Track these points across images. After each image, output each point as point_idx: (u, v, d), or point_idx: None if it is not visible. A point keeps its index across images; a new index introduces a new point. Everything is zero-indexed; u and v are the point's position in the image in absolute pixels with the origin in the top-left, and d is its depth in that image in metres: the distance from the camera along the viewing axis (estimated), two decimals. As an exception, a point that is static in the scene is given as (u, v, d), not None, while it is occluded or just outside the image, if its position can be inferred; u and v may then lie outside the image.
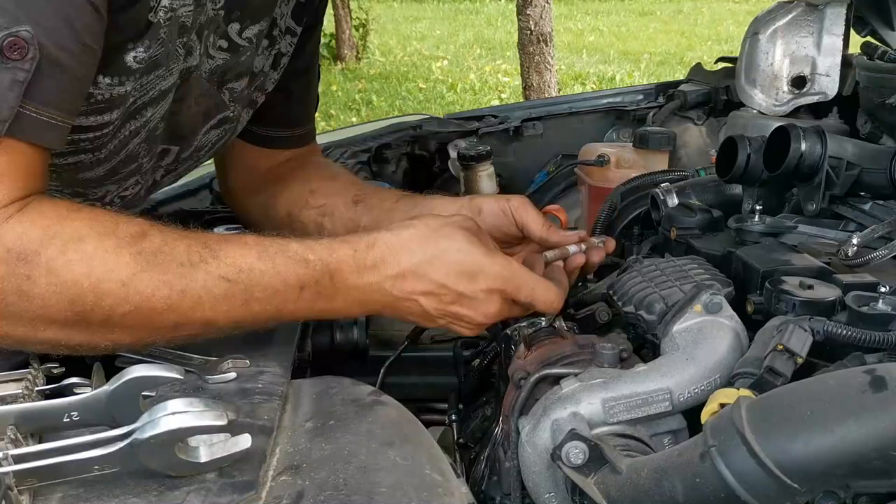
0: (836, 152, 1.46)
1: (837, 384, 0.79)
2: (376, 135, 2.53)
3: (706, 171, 1.97)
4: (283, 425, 0.95)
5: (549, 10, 5.74)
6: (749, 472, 0.76)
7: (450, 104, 7.71)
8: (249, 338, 1.17)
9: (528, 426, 1.10)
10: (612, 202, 1.93)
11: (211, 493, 0.79)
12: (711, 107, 2.48)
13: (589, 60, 9.93)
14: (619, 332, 1.38)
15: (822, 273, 1.25)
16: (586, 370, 1.14)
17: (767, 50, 2.11)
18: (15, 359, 1.10)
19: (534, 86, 5.82)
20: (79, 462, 0.77)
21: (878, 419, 0.73)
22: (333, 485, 0.81)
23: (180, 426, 0.76)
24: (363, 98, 7.87)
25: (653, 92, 2.72)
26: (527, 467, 1.10)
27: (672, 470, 0.85)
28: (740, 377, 1.04)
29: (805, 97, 2.09)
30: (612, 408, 1.07)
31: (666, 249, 1.63)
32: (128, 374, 0.85)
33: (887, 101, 1.65)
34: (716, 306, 1.17)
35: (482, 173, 2.52)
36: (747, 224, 1.48)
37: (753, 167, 1.57)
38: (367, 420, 0.96)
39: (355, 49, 9.66)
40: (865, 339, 1.01)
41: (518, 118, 2.67)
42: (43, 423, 0.86)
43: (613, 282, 1.42)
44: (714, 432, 0.81)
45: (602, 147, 2.40)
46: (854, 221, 1.49)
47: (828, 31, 2.07)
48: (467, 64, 9.69)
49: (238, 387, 1.01)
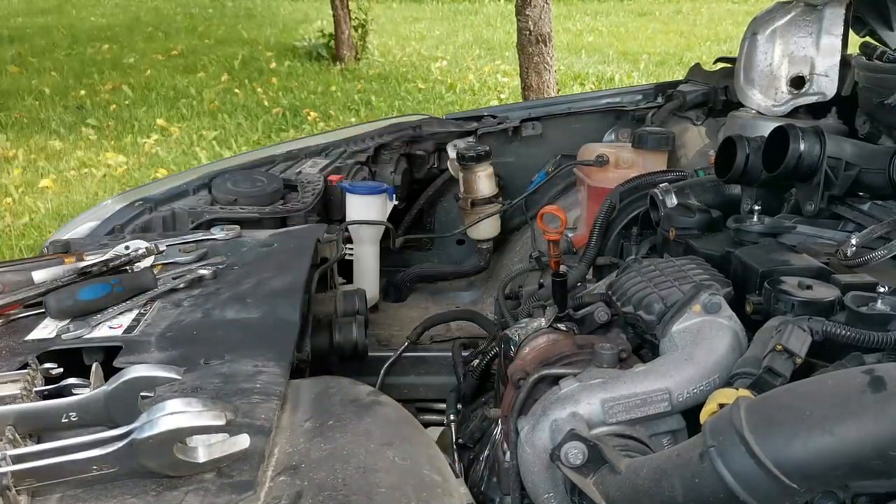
0: (835, 152, 1.46)
1: (836, 384, 0.79)
2: (375, 135, 2.53)
3: (705, 171, 1.97)
4: (282, 425, 0.95)
5: (549, 11, 5.72)
6: (748, 473, 0.76)
7: (449, 104, 7.69)
8: (248, 338, 1.18)
9: (528, 426, 1.10)
10: (611, 202, 1.93)
11: (209, 494, 0.79)
12: (710, 107, 2.48)
13: (588, 61, 9.92)
14: (618, 333, 1.38)
15: (821, 273, 1.25)
16: (585, 370, 1.14)
17: (766, 50, 2.11)
18: (14, 359, 1.10)
19: (533, 86, 5.80)
20: (77, 462, 0.77)
21: (877, 419, 0.73)
22: (332, 485, 0.81)
23: (179, 426, 0.76)
24: (362, 98, 7.85)
25: (652, 92, 2.72)
26: (526, 467, 1.10)
27: (671, 470, 0.85)
28: (739, 377, 1.04)
29: (804, 97, 2.09)
30: (612, 408, 1.07)
31: (665, 250, 1.63)
32: (126, 375, 0.85)
33: (886, 101, 1.65)
34: (715, 306, 1.17)
35: (481, 173, 2.53)
36: (746, 224, 1.48)
37: (752, 167, 1.58)
38: (365, 420, 0.96)
39: (354, 49, 9.63)
40: (864, 339, 1.01)
41: (517, 118, 2.67)
42: (41, 423, 0.86)
43: (612, 282, 1.42)
44: (713, 432, 0.81)
45: (601, 147, 2.40)
46: (853, 222, 1.49)
47: (826, 32, 2.07)
48: (466, 64, 9.67)
49: (237, 387, 1.01)
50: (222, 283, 1.39)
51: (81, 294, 1.26)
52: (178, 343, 1.16)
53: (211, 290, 1.36)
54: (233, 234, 1.68)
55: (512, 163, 2.71)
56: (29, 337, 1.19)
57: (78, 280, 1.33)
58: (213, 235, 1.66)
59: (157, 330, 1.20)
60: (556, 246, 1.55)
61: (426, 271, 2.70)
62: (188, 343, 1.15)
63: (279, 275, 1.43)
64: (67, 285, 1.31)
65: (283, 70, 9.42)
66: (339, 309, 1.62)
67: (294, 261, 1.51)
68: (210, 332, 1.19)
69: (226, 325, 1.22)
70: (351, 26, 9.74)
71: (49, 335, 1.20)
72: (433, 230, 2.79)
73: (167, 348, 1.14)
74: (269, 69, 9.44)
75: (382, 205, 2.26)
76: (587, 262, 1.83)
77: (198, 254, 1.53)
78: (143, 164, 5.78)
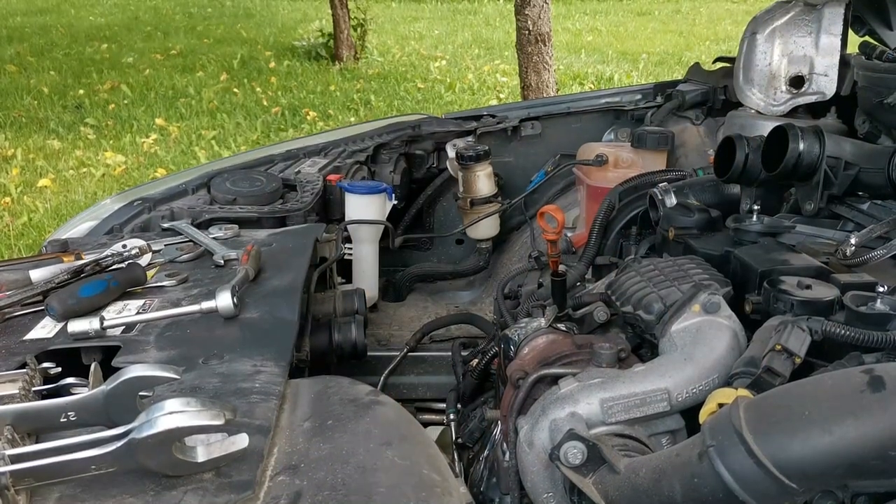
0: (835, 152, 1.46)
1: (836, 384, 0.79)
2: (374, 134, 2.53)
3: (704, 170, 1.98)
4: (281, 425, 0.94)
5: (548, 10, 5.72)
6: (747, 472, 0.76)
7: (448, 104, 7.69)
8: (248, 337, 1.18)
9: (527, 426, 1.10)
10: (610, 202, 1.93)
11: (208, 493, 0.78)
12: (709, 106, 2.48)
13: (587, 60, 9.92)
14: (617, 332, 1.38)
15: (821, 273, 1.25)
16: (584, 370, 1.14)
17: (765, 50, 2.11)
18: (12, 359, 1.10)
19: (532, 85, 5.80)
20: (76, 462, 0.76)
21: (876, 419, 0.73)
22: (332, 485, 0.81)
23: (177, 426, 0.76)
24: (361, 98, 7.85)
25: (651, 92, 2.72)
26: (525, 467, 1.10)
27: (670, 470, 0.85)
28: (738, 377, 1.04)
29: (803, 97, 2.09)
30: (611, 408, 1.07)
31: (664, 249, 1.63)
32: (125, 374, 0.85)
33: (885, 101, 1.65)
34: (714, 306, 1.17)
35: (480, 173, 2.53)
36: (745, 224, 1.48)
37: (751, 167, 1.58)
38: (365, 420, 0.96)
39: (353, 49, 9.63)
40: (864, 338, 1.01)
41: (516, 118, 2.67)
42: (40, 423, 0.86)
43: (612, 282, 1.42)
44: (712, 432, 0.81)
45: (600, 147, 2.40)
46: (852, 221, 1.50)
47: (826, 31, 2.07)
48: (465, 64, 9.68)
49: (235, 386, 1.01)
50: (221, 282, 1.39)
51: (82, 291, 1.26)
52: (177, 343, 1.15)
53: (210, 289, 1.36)
54: (231, 233, 1.68)
55: (511, 162, 2.72)
56: (27, 336, 1.19)
57: (74, 280, 1.33)
58: (213, 234, 1.66)
59: (155, 329, 1.20)
60: (555, 245, 1.55)
61: (425, 271, 2.70)
62: (187, 343, 1.15)
63: (278, 274, 1.43)
64: (66, 285, 1.31)
65: (283, 69, 9.42)
66: (339, 308, 1.62)
67: (293, 260, 1.51)
68: (209, 332, 1.19)
69: (225, 324, 1.22)
70: (350, 26, 9.74)
71: (48, 335, 1.19)
72: (432, 230, 2.79)
73: (166, 348, 1.14)
74: (268, 69, 9.44)
75: (382, 204, 2.26)
76: (586, 262, 1.83)
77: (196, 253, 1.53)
78: (142, 164, 5.78)
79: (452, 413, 1.78)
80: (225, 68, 9.34)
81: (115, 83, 8.38)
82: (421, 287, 2.70)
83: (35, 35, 11.56)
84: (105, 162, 5.78)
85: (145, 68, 9.24)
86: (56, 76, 8.81)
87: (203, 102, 7.66)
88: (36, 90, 8.00)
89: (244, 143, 6.29)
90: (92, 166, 5.68)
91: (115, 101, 7.69)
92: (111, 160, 5.81)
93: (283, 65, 9.67)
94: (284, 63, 9.75)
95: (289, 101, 7.82)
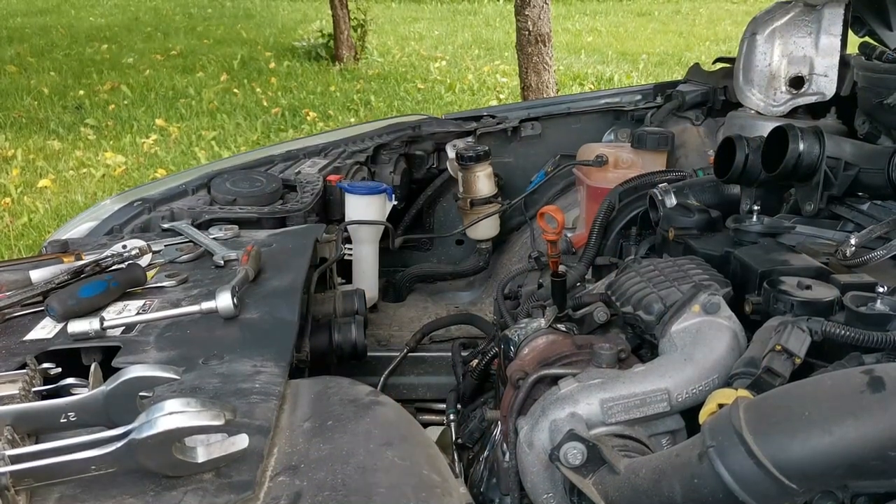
0: (835, 152, 1.46)
1: (835, 384, 0.79)
2: (374, 135, 2.53)
3: (704, 171, 1.98)
4: (281, 425, 0.94)
5: (548, 11, 5.73)
6: (747, 473, 0.76)
7: (448, 104, 7.69)
8: (248, 338, 1.18)
9: (527, 426, 1.10)
10: (610, 202, 1.93)
11: (208, 494, 0.78)
12: (709, 107, 2.48)
13: (587, 61, 9.92)
14: (617, 333, 1.38)
15: (821, 273, 1.25)
16: (584, 371, 1.14)
17: (765, 50, 2.11)
18: (12, 359, 1.10)
19: (532, 86, 5.81)
20: (76, 462, 0.76)
21: (876, 419, 0.73)
22: (332, 485, 0.81)
23: (177, 426, 0.76)
24: (361, 98, 7.85)
25: (651, 92, 2.72)
26: (525, 468, 1.10)
27: (670, 470, 0.85)
28: (738, 377, 1.04)
29: (803, 97, 2.09)
30: (611, 408, 1.07)
31: (664, 250, 1.63)
32: (125, 375, 0.85)
33: (885, 101, 1.65)
34: (714, 306, 1.17)
35: (480, 173, 2.53)
36: (745, 224, 1.48)
37: (751, 167, 1.58)
38: (365, 420, 0.96)
39: (353, 50, 9.64)
40: (863, 339, 1.01)
41: (516, 118, 2.67)
42: (40, 423, 0.86)
43: (612, 282, 1.42)
44: (712, 433, 0.81)
45: (600, 147, 2.40)
46: (852, 222, 1.50)
47: (826, 32, 2.07)
48: (465, 64, 9.68)
49: (235, 387, 1.01)
50: (221, 283, 1.39)
51: (82, 292, 1.26)
52: (177, 343, 1.15)
53: (210, 290, 1.36)
54: (231, 234, 1.68)
55: (511, 163, 2.72)
56: (27, 337, 1.19)
57: (74, 280, 1.33)
58: (213, 235, 1.66)
59: (155, 330, 1.20)
60: (555, 246, 1.55)
61: (425, 271, 2.70)
62: (187, 343, 1.15)
63: (278, 275, 1.43)
64: (66, 286, 1.31)
65: (283, 70, 9.42)
66: (339, 309, 1.62)
67: (293, 261, 1.51)
68: (209, 332, 1.19)
69: (225, 325, 1.22)
70: (350, 26, 9.74)
71: (48, 335, 1.19)
72: (432, 230, 2.79)
73: (166, 348, 1.14)
74: (268, 69, 9.44)
75: (382, 205, 2.26)
76: (586, 262, 1.83)
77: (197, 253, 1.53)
78: (142, 164, 5.78)
79: (452, 413, 1.78)
80: (225, 69, 9.34)
81: (116, 84, 8.38)
82: (421, 287, 2.70)
83: (35, 36, 11.57)
84: (105, 162, 5.78)
85: (145, 69, 9.24)
86: (56, 77, 8.82)
87: (203, 103, 7.66)
88: (36, 91, 8.00)
89: (244, 144, 6.30)
90: (92, 167, 5.68)
91: (115, 101, 7.69)
92: (111, 161, 5.81)
93: (283, 65, 9.67)
94: (284, 63, 9.75)
95: (289, 102, 7.82)
